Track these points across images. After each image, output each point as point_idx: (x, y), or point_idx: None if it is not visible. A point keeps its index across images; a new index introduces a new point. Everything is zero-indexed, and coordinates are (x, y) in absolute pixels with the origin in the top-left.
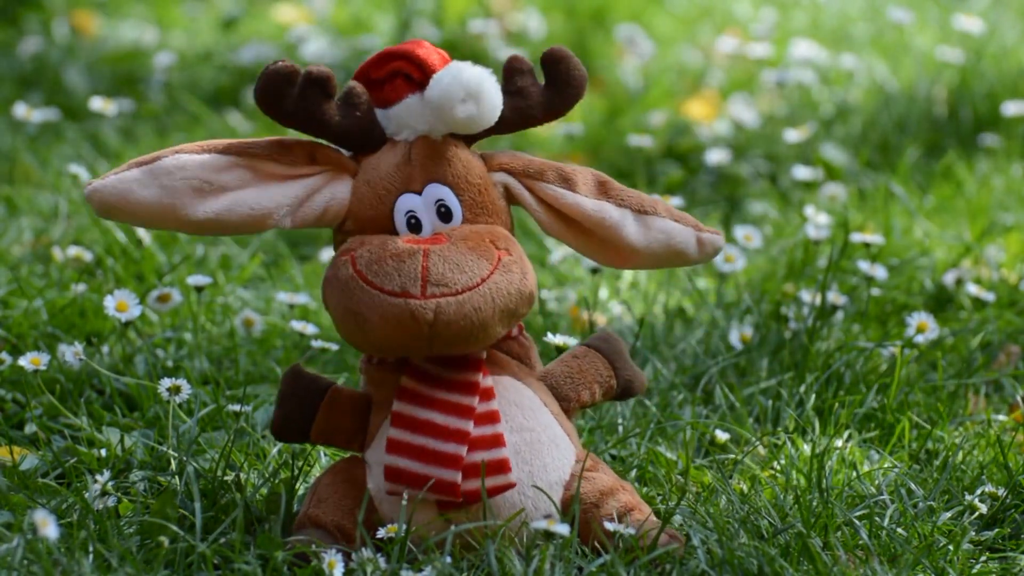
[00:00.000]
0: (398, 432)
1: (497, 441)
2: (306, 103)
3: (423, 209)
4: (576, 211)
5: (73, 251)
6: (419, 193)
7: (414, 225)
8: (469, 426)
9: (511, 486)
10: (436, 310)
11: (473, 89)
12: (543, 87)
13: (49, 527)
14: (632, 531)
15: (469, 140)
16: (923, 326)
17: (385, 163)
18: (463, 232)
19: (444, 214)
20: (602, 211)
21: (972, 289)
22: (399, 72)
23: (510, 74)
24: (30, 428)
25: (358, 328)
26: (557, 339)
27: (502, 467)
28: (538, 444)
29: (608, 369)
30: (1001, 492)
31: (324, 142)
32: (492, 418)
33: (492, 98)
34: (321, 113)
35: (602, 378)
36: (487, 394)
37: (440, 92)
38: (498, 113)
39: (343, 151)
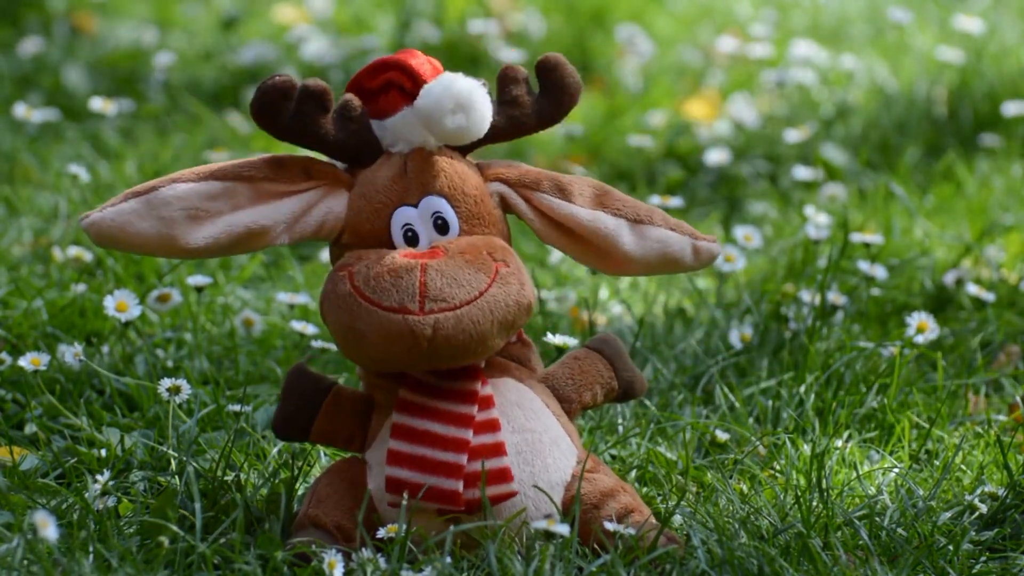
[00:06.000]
0: (398, 443)
1: (498, 449)
2: (302, 118)
3: (420, 222)
4: (571, 221)
5: (73, 251)
6: (415, 206)
7: (411, 238)
8: (468, 435)
9: (513, 494)
10: (435, 326)
11: (464, 100)
12: (537, 96)
13: (49, 528)
14: (632, 531)
15: (464, 150)
16: (923, 326)
17: (381, 176)
18: (460, 245)
19: (441, 226)
20: (597, 221)
21: (972, 289)
22: (393, 83)
23: (504, 83)
24: (30, 428)
25: (357, 344)
26: (557, 339)
27: (504, 476)
28: (539, 445)
29: (609, 370)
30: (1001, 492)
31: (319, 156)
32: (492, 426)
33: (482, 109)
34: (317, 127)
35: (603, 379)
36: (486, 402)
37: (430, 103)
38: (487, 124)
39: (339, 164)
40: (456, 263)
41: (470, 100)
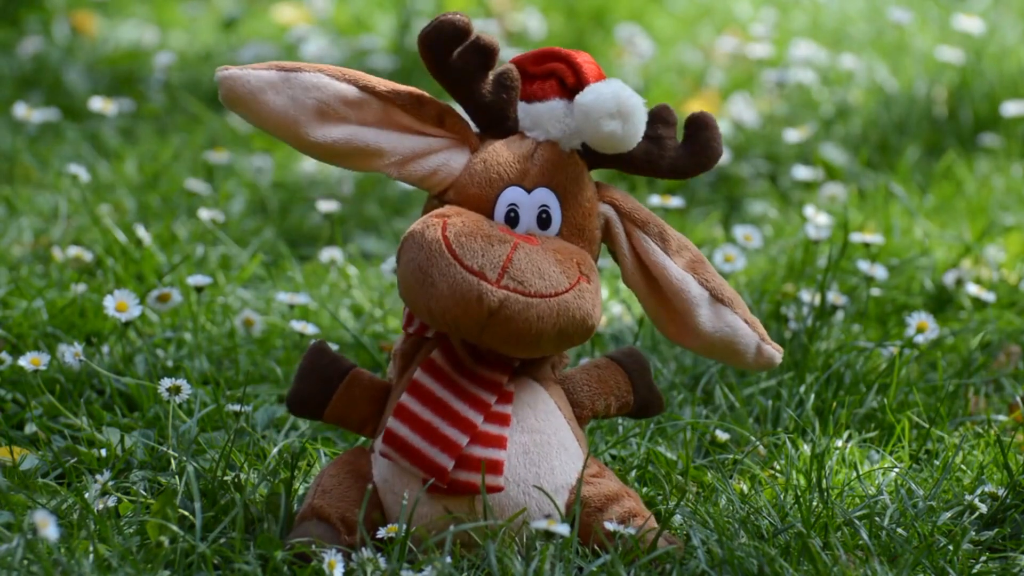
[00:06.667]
0: (410, 400)
1: (499, 442)
2: (466, 66)
3: (526, 207)
4: (661, 272)
5: (73, 251)
6: (528, 191)
7: (512, 219)
8: (479, 420)
9: (499, 489)
10: (503, 301)
11: (626, 109)
12: (679, 144)
13: (49, 527)
14: (632, 531)
15: (591, 164)
16: (923, 326)
17: (508, 151)
18: (556, 243)
19: (543, 220)
20: (684, 283)
21: (972, 289)
22: (555, 73)
23: (655, 120)
24: (30, 428)
25: (422, 290)
26: None
27: (495, 468)
28: (547, 447)
29: (627, 385)
30: (1001, 492)
31: (456, 109)
32: (503, 420)
33: (638, 124)
34: (474, 81)
35: (619, 392)
36: (506, 397)
37: (593, 100)
38: (636, 142)
39: (472, 125)
40: (546, 256)
41: (632, 111)
